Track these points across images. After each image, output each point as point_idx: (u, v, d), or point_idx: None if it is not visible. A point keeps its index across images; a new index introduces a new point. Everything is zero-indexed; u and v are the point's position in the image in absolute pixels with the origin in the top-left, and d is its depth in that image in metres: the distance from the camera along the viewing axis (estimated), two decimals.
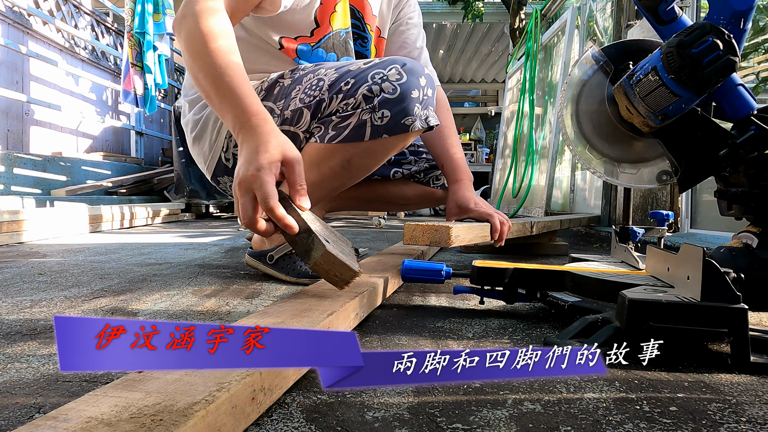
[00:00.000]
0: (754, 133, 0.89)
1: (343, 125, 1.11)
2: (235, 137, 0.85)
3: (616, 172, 1.00)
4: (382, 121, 1.08)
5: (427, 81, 1.13)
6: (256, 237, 1.33)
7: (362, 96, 1.09)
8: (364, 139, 1.10)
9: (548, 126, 4.85)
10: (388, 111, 1.08)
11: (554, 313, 1.01)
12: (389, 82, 1.08)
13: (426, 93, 1.12)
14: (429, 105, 1.13)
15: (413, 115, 1.10)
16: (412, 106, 1.09)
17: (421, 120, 1.11)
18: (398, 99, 1.08)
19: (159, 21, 4.26)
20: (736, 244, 0.91)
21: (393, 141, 1.12)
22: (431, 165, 1.54)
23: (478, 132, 10.51)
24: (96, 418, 0.39)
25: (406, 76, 1.09)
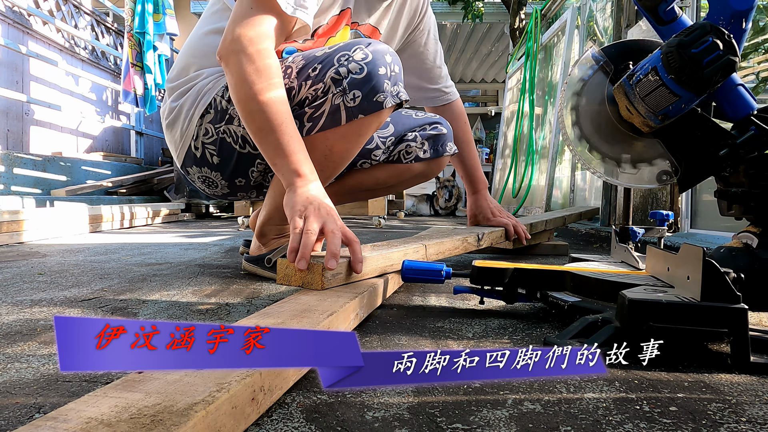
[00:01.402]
0: (754, 133, 0.89)
1: (318, 114, 1.12)
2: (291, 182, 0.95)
3: (616, 172, 1.00)
4: (354, 102, 1.09)
5: (392, 58, 1.13)
6: (254, 245, 1.33)
7: (331, 80, 1.09)
8: (341, 123, 1.11)
9: (548, 126, 4.85)
10: (359, 91, 1.09)
11: (554, 313, 1.01)
12: (356, 63, 1.09)
13: (393, 69, 1.12)
14: (398, 81, 1.14)
15: (384, 91, 1.10)
16: (381, 82, 1.10)
17: (393, 96, 1.12)
18: (366, 78, 1.08)
19: (159, 21, 4.26)
20: (736, 244, 0.91)
21: (369, 121, 1.12)
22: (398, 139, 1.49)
23: (478, 132, 10.51)
24: (96, 419, 0.38)
25: (371, 55, 1.10)
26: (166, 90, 1.35)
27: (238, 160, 1.25)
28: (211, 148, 1.25)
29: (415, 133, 1.50)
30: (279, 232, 1.28)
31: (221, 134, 1.22)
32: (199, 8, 6.81)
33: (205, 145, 1.26)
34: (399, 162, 1.51)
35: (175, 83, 1.30)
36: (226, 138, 1.23)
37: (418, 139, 1.49)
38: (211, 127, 1.23)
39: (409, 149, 1.50)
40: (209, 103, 1.22)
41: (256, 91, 0.96)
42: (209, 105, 1.22)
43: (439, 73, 1.64)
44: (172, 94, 1.30)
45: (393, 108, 1.15)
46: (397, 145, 1.49)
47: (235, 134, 1.22)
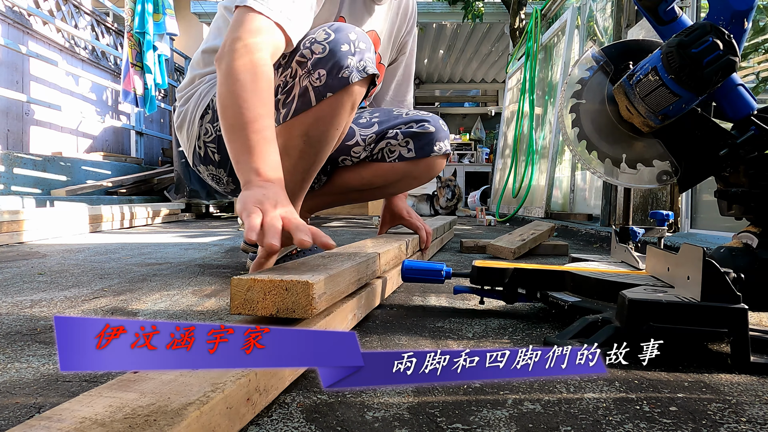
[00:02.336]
0: (754, 133, 0.89)
1: (289, 99, 1.13)
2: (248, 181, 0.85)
3: (616, 172, 1.00)
4: (320, 81, 1.09)
5: (357, 35, 1.12)
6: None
7: (296, 63, 1.10)
8: (312, 105, 1.10)
9: (548, 126, 4.85)
10: (323, 69, 1.08)
11: (554, 313, 1.01)
12: (318, 43, 1.09)
13: (358, 45, 1.11)
14: (364, 56, 1.11)
15: (348, 66, 1.09)
16: (344, 58, 1.08)
17: (359, 70, 1.10)
18: (329, 56, 1.08)
19: (159, 21, 4.26)
20: (736, 244, 0.91)
21: (339, 100, 1.11)
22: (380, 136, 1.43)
23: (478, 132, 10.52)
24: (90, 419, 0.39)
25: (333, 34, 1.10)
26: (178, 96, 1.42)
27: None
28: (212, 146, 1.31)
29: (396, 130, 1.43)
30: None
31: (218, 132, 1.27)
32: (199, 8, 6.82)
33: (207, 144, 1.31)
34: (383, 161, 1.46)
35: (183, 91, 1.39)
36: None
37: (399, 136, 1.42)
38: (210, 126, 1.29)
39: (392, 147, 1.44)
40: (207, 104, 1.28)
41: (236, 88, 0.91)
42: (207, 106, 1.28)
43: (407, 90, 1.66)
44: (180, 100, 1.39)
45: (363, 83, 1.13)
46: (379, 142, 1.43)
47: None
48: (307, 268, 0.75)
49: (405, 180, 1.49)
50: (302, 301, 0.63)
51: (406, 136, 1.43)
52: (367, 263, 0.91)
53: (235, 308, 0.64)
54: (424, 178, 1.51)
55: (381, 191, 1.54)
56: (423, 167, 1.47)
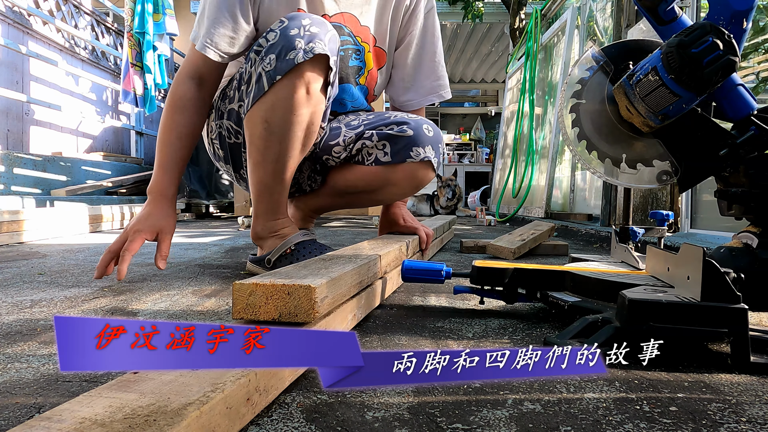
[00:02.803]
0: (754, 133, 0.89)
1: (250, 88, 1.19)
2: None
3: (616, 172, 1.00)
4: (271, 65, 1.13)
5: (312, 21, 1.14)
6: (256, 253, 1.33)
7: (253, 52, 1.18)
8: (266, 89, 1.14)
9: (548, 126, 4.85)
10: (273, 54, 1.13)
11: (554, 313, 1.01)
12: (271, 31, 1.15)
13: (309, 29, 1.12)
14: (314, 39, 1.11)
15: (295, 48, 1.10)
16: (292, 41, 1.11)
17: (305, 51, 1.10)
18: (278, 41, 1.12)
19: (159, 21, 4.26)
20: (736, 244, 0.91)
21: (290, 83, 1.12)
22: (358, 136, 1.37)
23: (478, 132, 10.52)
24: (90, 419, 0.39)
25: (286, 21, 1.14)
26: None
27: (232, 150, 1.38)
28: (216, 144, 1.41)
29: (372, 131, 1.35)
30: (271, 229, 1.27)
31: (218, 128, 1.37)
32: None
33: (212, 141, 1.42)
34: (362, 163, 1.39)
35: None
36: (222, 132, 1.37)
37: (375, 137, 1.35)
38: (213, 124, 1.38)
39: (369, 150, 1.37)
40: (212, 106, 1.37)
41: (163, 111, 1.27)
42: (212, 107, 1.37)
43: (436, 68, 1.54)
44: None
45: (314, 65, 1.12)
46: (356, 142, 1.37)
47: (228, 129, 1.35)
48: (308, 271, 0.75)
49: (387, 188, 1.40)
50: (304, 306, 0.63)
51: (381, 138, 1.35)
52: (369, 266, 0.91)
53: (237, 313, 0.64)
54: (405, 187, 1.40)
55: (369, 197, 1.46)
56: (401, 174, 1.37)
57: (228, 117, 1.33)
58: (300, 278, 0.67)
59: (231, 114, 1.32)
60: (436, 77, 1.53)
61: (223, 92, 1.35)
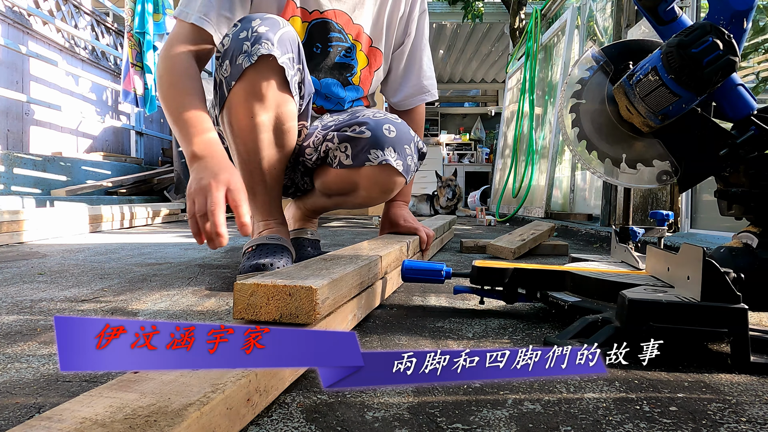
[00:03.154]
0: (754, 133, 0.89)
1: (217, 97, 1.20)
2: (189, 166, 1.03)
3: (616, 172, 1.00)
4: (227, 71, 1.14)
5: (262, 21, 1.12)
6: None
7: (215, 58, 1.18)
8: (226, 95, 1.15)
9: (548, 126, 4.85)
10: (227, 60, 1.13)
11: (554, 313, 1.01)
12: (227, 36, 1.15)
13: (256, 30, 1.10)
14: (260, 40, 1.09)
15: (243, 52, 1.10)
16: (241, 45, 1.10)
17: (249, 55, 1.09)
18: (230, 45, 1.12)
19: (159, 21, 4.26)
20: (736, 244, 0.91)
21: (241, 88, 1.13)
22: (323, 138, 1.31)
23: (478, 132, 10.52)
24: (90, 419, 0.39)
25: (239, 24, 1.14)
26: None
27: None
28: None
29: (334, 133, 1.28)
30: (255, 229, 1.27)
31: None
32: None
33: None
34: (331, 166, 1.33)
35: None
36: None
37: (336, 140, 1.27)
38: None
39: (333, 152, 1.30)
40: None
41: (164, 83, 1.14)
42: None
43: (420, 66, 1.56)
44: None
45: (262, 69, 1.10)
46: (322, 144, 1.31)
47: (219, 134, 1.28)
48: (309, 272, 0.75)
49: (356, 192, 1.33)
50: (305, 307, 0.63)
51: (341, 141, 1.27)
52: (369, 266, 0.91)
53: (238, 313, 0.64)
54: (371, 191, 1.31)
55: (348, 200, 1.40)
56: (365, 179, 1.28)
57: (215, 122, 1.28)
58: (301, 279, 0.67)
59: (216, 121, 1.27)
60: (427, 77, 1.57)
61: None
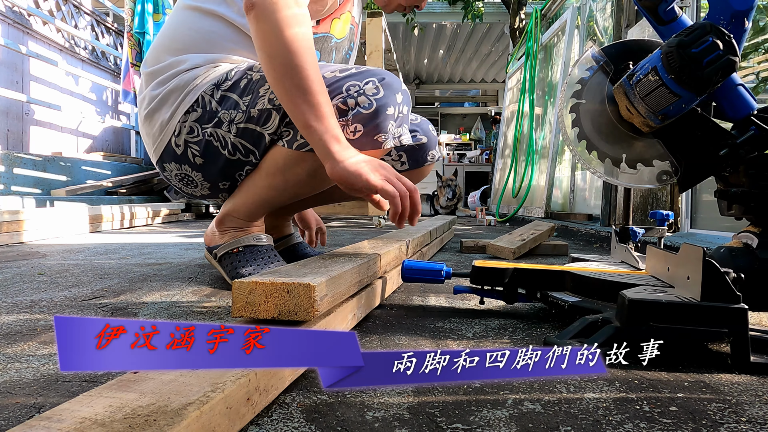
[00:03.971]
0: (754, 133, 0.89)
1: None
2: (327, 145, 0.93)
3: (616, 172, 1.00)
4: (354, 135, 1.04)
5: (403, 98, 1.10)
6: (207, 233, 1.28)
7: (336, 108, 1.03)
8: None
9: (548, 126, 4.85)
10: (362, 126, 1.04)
11: (554, 313, 1.01)
12: (365, 96, 1.04)
13: (401, 110, 1.09)
14: (403, 122, 1.10)
15: (386, 132, 1.06)
16: (386, 123, 1.06)
17: (395, 138, 1.08)
18: (372, 114, 1.04)
19: (159, 21, 4.26)
20: (736, 244, 0.91)
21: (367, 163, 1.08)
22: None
23: (478, 132, 10.53)
24: (90, 419, 0.39)
25: (382, 91, 1.05)
26: (143, 75, 1.22)
27: (226, 165, 1.16)
28: (195, 149, 1.16)
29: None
30: (239, 224, 1.21)
31: (208, 136, 1.13)
32: None
33: (189, 144, 1.16)
34: None
35: (153, 68, 1.19)
36: (213, 142, 1.14)
37: (393, 153, 1.38)
38: (197, 126, 1.13)
39: (385, 160, 1.38)
40: (196, 100, 1.12)
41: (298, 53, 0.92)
42: (196, 102, 1.12)
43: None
44: (151, 82, 1.19)
45: (390, 148, 1.10)
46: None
47: (223, 139, 1.12)
48: (308, 270, 0.75)
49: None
50: (304, 304, 0.63)
51: (399, 150, 1.39)
52: (368, 265, 0.91)
53: (237, 311, 0.64)
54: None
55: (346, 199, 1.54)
56: (415, 176, 1.44)
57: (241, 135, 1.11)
58: (300, 277, 0.67)
59: (249, 134, 1.11)
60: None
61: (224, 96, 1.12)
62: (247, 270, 1.14)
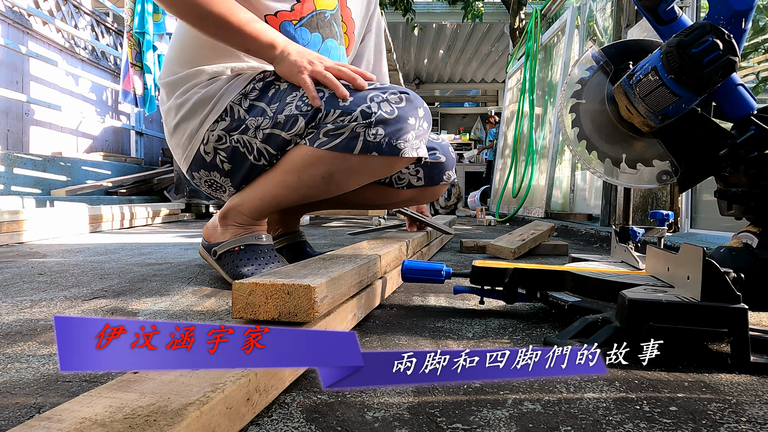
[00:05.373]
0: (754, 133, 0.89)
1: (336, 133, 1.09)
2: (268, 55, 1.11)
3: (616, 172, 1.00)
4: (375, 138, 1.07)
5: (425, 113, 1.13)
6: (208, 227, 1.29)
7: (360, 112, 1.07)
8: (353, 151, 1.08)
9: (548, 126, 4.85)
10: (383, 129, 1.07)
11: (554, 313, 1.01)
12: (388, 104, 1.09)
13: (422, 125, 1.12)
14: (422, 137, 1.13)
15: (407, 140, 1.09)
16: (407, 130, 1.09)
17: (413, 149, 1.11)
18: (395, 120, 1.08)
19: (159, 21, 4.26)
20: (736, 244, 0.91)
21: (379, 163, 1.10)
22: None
23: (478, 132, 10.53)
24: (90, 419, 0.39)
25: (405, 102, 1.10)
26: (162, 87, 1.28)
27: (251, 169, 1.20)
28: (223, 155, 1.21)
29: None
30: (243, 221, 1.22)
31: (234, 143, 1.18)
32: None
33: (217, 151, 1.21)
34: (390, 185, 1.46)
35: (170, 79, 1.25)
36: (240, 148, 1.18)
37: (411, 168, 1.43)
38: (225, 134, 1.18)
39: (401, 175, 1.44)
40: (225, 109, 1.18)
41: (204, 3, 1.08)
42: (224, 111, 1.18)
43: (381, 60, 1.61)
44: (173, 93, 1.25)
45: (407, 161, 1.14)
46: None
47: (249, 144, 1.16)
48: (308, 271, 0.75)
49: (407, 202, 1.54)
50: (304, 305, 0.63)
51: (417, 166, 1.43)
52: (368, 265, 0.91)
53: (237, 312, 0.64)
54: (425, 202, 1.60)
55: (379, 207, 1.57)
56: (429, 194, 1.51)
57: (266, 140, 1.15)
58: (300, 278, 0.67)
59: (273, 139, 1.14)
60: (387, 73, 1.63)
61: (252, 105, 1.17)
62: (248, 269, 1.15)
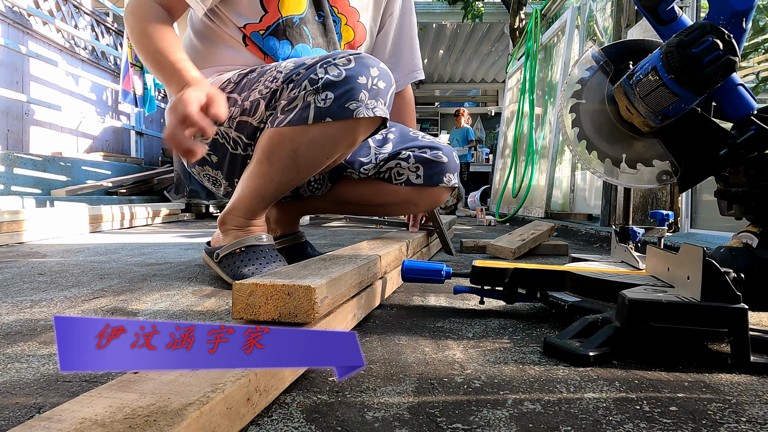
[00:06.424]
0: (754, 133, 0.89)
1: (289, 108, 1.09)
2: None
3: (616, 172, 1.00)
4: (324, 103, 1.05)
5: (380, 72, 1.09)
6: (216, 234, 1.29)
7: (308, 80, 1.07)
8: (308, 121, 1.06)
9: (548, 126, 4.85)
10: (332, 93, 1.05)
11: (554, 313, 1.01)
12: (335, 66, 1.06)
13: (376, 83, 1.08)
14: (379, 96, 1.08)
15: (358, 100, 1.05)
16: (357, 91, 1.05)
17: (368, 108, 1.06)
18: (342, 82, 1.05)
19: None
20: (736, 244, 0.91)
21: (336, 129, 1.08)
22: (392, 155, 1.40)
23: (478, 132, 10.53)
24: (90, 419, 0.39)
25: (354, 63, 1.06)
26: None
27: (232, 160, 1.25)
28: (208, 148, 1.27)
29: (409, 152, 1.39)
30: (240, 223, 1.22)
31: (215, 135, 1.22)
32: None
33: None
34: (389, 181, 1.42)
35: None
36: (219, 139, 1.23)
37: (411, 159, 1.39)
38: None
39: (401, 169, 1.40)
40: None
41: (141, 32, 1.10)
42: None
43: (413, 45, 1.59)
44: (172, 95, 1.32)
45: (368, 124, 1.10)
46: (389, 160, 1.40)
47: (226, 135, 1.21)
48: (308, 271, 0.75)
49: (404, 204, 1.47)
50: (304, 306, 0.63)
51: (417, 161, 1.39)
52: (369, 266, 0.91)
53: (237, 313, 0.64)
54: (423, 207, 1.49)
55: (377, 209, 1.50)
56: (427, 196, 1.44)
57: (238, 128, 1.20)
58: (300, 278, 0.67)
59: (243, 126, 1.19)
60: (415, 56, 1.58)
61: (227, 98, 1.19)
62: (249, 269, 1.15)
